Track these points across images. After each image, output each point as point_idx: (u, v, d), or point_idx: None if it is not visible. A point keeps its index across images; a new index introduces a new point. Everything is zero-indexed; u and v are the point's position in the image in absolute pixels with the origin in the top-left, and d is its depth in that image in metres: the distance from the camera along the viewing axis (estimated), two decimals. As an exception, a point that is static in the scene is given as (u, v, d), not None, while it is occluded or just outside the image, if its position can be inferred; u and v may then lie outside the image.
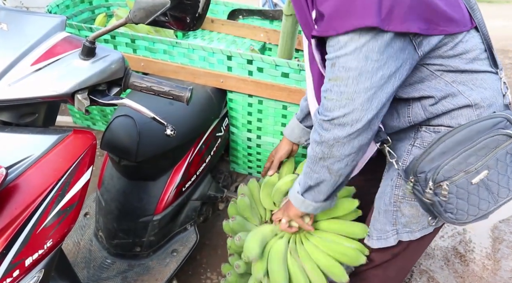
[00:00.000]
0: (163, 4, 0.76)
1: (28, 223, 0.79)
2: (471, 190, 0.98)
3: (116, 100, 0.88)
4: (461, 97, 0.98)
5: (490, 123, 0.96)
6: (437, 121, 1.03)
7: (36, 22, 0.88)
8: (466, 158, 0.96)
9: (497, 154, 0.95)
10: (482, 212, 1.02)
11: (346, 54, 0.85)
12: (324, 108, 0.92)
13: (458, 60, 0.96)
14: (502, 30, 4.88)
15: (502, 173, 0.98)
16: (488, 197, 1.00)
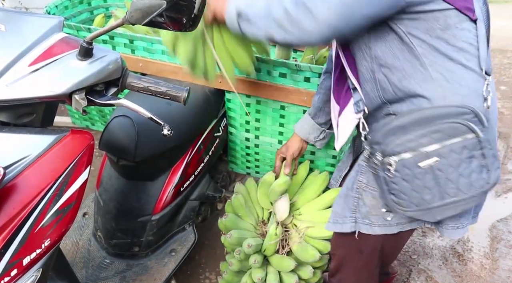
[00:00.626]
0: (159, 5, 0.76)
1: (26, 223, 0.80)
2: (417, 173, 0.94)
3: (113, 100, 0.89)
4: (431, 84, 0.94)
5: (456, 111, 0.91)
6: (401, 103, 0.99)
7: (34, 23, 0.89)
8: (419, 137, 0.92)
9: (452, 144, 0.90)
10: (425, 204, 0.96)
11: None
12: None
13: (444, 44, 0.92)
14: (501, 30, 4.88)
15: (454, 166, 0.91)
16: (434, 189, 0.94)
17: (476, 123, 0.90)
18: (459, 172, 0.91)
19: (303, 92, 1.46)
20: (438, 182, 0.93)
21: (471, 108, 0.91)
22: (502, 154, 2.67)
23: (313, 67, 1.41)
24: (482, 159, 0.91)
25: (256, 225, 1.51)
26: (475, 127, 0.89)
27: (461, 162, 0.91)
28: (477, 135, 0.89)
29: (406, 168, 0.94)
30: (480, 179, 0.92)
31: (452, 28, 0.91)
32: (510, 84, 3.57)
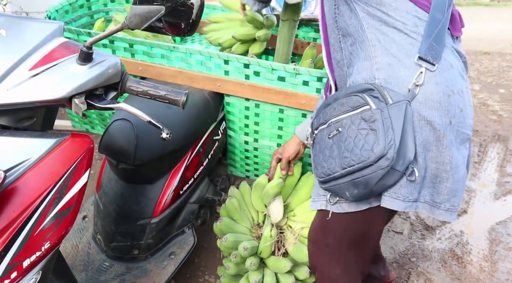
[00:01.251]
0: (158, 10, 0.78)
1: (26, 225, 0.80)
2: (326, 144, 1.05)
3: (112, 104, 0.90)
4: (367, 46, 1.04)
5: (364, 87, 1.00)
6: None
7: (35, 28, 0.90)
8: (331, 110, 1.05)
9: (352, 115, 0.99)
10: (330, 172, 1.03)
11: None
12: None
13: (381, 14, 1.02)
14: (500, 33, 4.90)
15: (351, 136, 0.99)
16: (336, 158, 1.02)
17: (378, 99, 0.97)
18: (354, 142, 0.98)
19: (302, 96, 1.47)
20: (339, 151, 1.01)
21: (377, 86, 0.99)
22: (501, 156, 2.67)
23: (312, 71, 1.42)
24: (376, 131, 0.95)
25: (252, 228, 1.52)
26: (369, 100, 0.97)
27: (357, 133, 0.98)
28: (371, 108, 0.96)
29: (321, 140, 1.07)
30: (369, 149, 0.95)
31: (386, 5, 1.01)
32: (509, 87, 3.58)
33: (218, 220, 1.47)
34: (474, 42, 4.41)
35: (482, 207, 2.27)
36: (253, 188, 1.53)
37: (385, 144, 0.94)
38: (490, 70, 3.89)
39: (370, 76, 1.03)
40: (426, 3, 1.02)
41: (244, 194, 1.56)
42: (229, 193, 1.56)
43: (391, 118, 0.95)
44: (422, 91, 0.99)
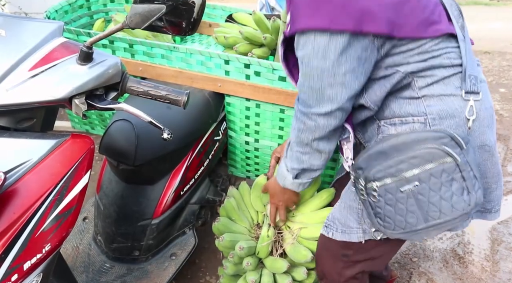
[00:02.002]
0: (159, 9, 0.77)
1: (27, 227, 0.80)
2: (399, 198, 0.97)
3: (113, 104, 0.89)
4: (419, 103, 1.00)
5: (432, 136, 0.94)
6: (391, 114, 1.04)
7: (34, 28, 0.89)
8: (398, 163, 0.95)
9: (431, 168, 0.93)
10: (410, 226, 0.99)
11: (307, 54, 0.93)
12: (301, 100, 1.02)
13: (424, 66, 0.97)
14: (500, 32, 4.90)
15: (434, 190, 0.94)
16: (417, 212, 0.97)
17: (453, 147, 0.92)
18: (440, 195, 0.93)
19: (303, 95, 1.47)
20: (421, 205, 0.95)
21: (448, 133, 0.93)
22: (502, 156, 2.67)
23: (313, 71, 1.41)
24: (463, 181, 0.92)
25: (251, 228, 1.51)
26: (451, 152, 0.91)
27: (441, 186, 0.93)
28: (455, 160, 0.91)
29: (389, 193, 0.97)
30: (461, 201, 0.93)
31: (427, 50, 0.96)
32: (509, 86, 3.58)
33: (216, 219, 1.47)
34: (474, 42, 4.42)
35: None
36: (252, 187, 1.52)
37: (475, 191, 0.93)
38: (490, 69, 3.88)
39: (418, 111, 1.00)
40: (450, 27, 0.99)
41: (243, 194, 1.55)
42: (228, 193, 1.55)
43: (469, 164, 0.93)
44: (475, 120, 0.98)
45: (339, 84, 0.94)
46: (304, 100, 1.01)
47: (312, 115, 1.00)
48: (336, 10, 0.86)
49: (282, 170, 1.19)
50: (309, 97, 0.99)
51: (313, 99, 0.98)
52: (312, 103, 0.99)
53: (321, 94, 0.96)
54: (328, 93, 0.96)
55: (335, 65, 0.91)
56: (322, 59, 0.91)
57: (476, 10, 6.09)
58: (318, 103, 0.98)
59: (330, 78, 0.93)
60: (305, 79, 0.97)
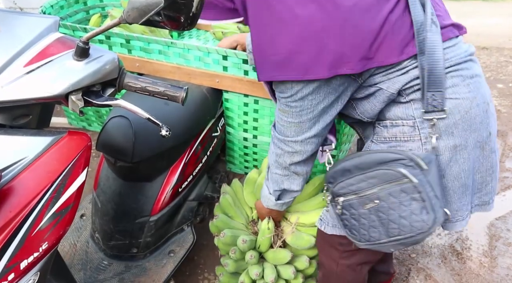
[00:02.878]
0: (157, 3, 0.75)
1: (23, 226, 0.78)
2: (362, 213, 1.02)
3: (110, 101, 0.88)
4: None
5: (390, 157, 0.96)
6: (383, 116, 1.06)
7: (29, 23, 0.88)
8: (359, 181, 1.00)
9: (390, 188, 0.95)
10: (373, 240, 1.02)
11: (285, 97, 0.97)
12: (279, 130, 1.07)
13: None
14: (498, 28, 4.90)
15: (393, 208, 0.96)
16: (380, 228, 1.00)
17: (412, 168, 0.93)
18: (399, 213, 0.96)
19: (302, 91, 1.46)
20: (382, 222, 0.99)
21: (406, 154, 0.94)
22: (499, 152, 2.67)
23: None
24: (422, 201, 0.94)
25: (247, 224, 1.51)
26: (407, 174, 0.93)
27: (400, 204, 0.96)
28: (411, 181, 0.93)
29: (352, 208, 1.03)
30: (420, 220, 0.95)
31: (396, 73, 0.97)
32: (507, 82, 3.58)
33: (213, 217, 1.46)
34: (472, 37, 4.40)
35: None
36: (244, 183, 1.52)
37: (434, 211, 0.94)
38: (488, 65, 3.88)
39: (406, 114, 1.00)
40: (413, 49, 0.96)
41: (236, 191, 1.55)
42: (221, 190, 1.55)
43: (431, 184, 0.94)
44: (464, 122, 0.98)
45: (317, 117, 0.99)
46: (281, 131, 1.06)
47: (290, 142, 1.05)
48: (310, 61, 0.89)
49: (265, 193, 1.25)
50: (286, 129, 1.04)
51: (290, 131, 1.03)
52: (290, 134, 1.04)
53: (299, 127, 1.01)
54: (307, 126, 1.01)
55: (313, 104, 0.96)
56: (300, 100, 0.96)
57: (474, 5, 6.08)
58: (296, 134, 1.03)
59: (309, 115, 0.98)
60: (283, 115, 1.01)
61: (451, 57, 0.96)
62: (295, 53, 0.89)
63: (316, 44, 0.88)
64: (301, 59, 0.89)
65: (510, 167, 2.54)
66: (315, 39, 0.88)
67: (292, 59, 0.90)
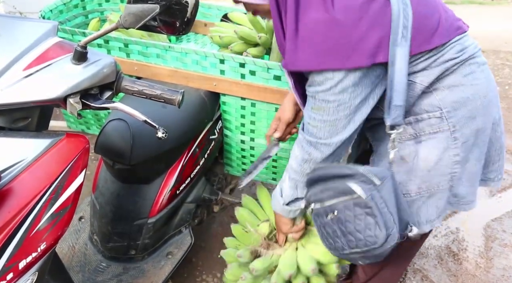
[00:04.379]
0: (153, 9, 0.77)
1: (22, 226, 0.80)
2: (326, 222, 1.04)
3: (108, 104, 0.89)
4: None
5: (344, 172, 0.99)
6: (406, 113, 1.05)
7: (29, 27, 0.90)
8: (319, 191, 1.03)
9: (345, 202, 0.98)
10: (339, 249, 1.04)
11: (323, 90, 0.92)
12: (309, 132, 1.02)
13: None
14: (494, 31, 4.93)
15: (349, 221, 0.98)
16: (342, 238, 1.01)
17: (364, 182, 0.95)
18: (354, 226, 0.98)
19: (298, 94, 1.47)
20: (343, 233, 1.01)
21: (358, 171, 0.97)
22: (496, 153, 2.69)
23: (307, 70, 1.42)
24: (374, 216, 0.94)
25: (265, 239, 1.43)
26: (356, 189, 0.95)
27: (354, 218, 0.97)
28: (359, 196, 0.95)
29: (319, 217, 1.05)
30: (372, 235, 0.95)
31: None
32: (503, 85, 3.60)
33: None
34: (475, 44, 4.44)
35: (478, 204, 2.28)
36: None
37: (387, 227, 0.95)
38: (484, 68, 3.90)
39: (432, 106, 1.02)
40: (450, 33, 0.99)
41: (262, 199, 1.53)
42: (242, 200, 1.54)
43: (384, 199, 0.95)
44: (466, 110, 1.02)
45: (352, 114, 0.96)
46: (313, 132, 1.01)
47: (321, 145, 1.01)
48: (350, 49, 0.87)
49: (276, 194, 1.21)
50: (320, 130, 0.99)
51: (324, 131, 0.99)
52: (323, 135, 1.00)
53: (334, 127, 0.97)
54: (342, 124, 0.97)
55: (351, 97, 0.93)
56: (340, 93, 0.92)
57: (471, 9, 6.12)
58: (330, 135, 0.99)
59: (346, 111, 0.95)
60: (317, 113, 0.97)
61: (469, 46, 1.02)
62: (339, 39, 0.86)
63: (361, 30, 0.87)
64: (343, 47, 0.87)
65: (506, 168, 2.56)
66: (363, 25, 0.86)
67: (338, 46, 0.87)
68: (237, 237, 1.46)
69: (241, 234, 1.44)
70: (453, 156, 1.04)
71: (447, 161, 1.04)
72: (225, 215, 2.15)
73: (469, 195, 1.11)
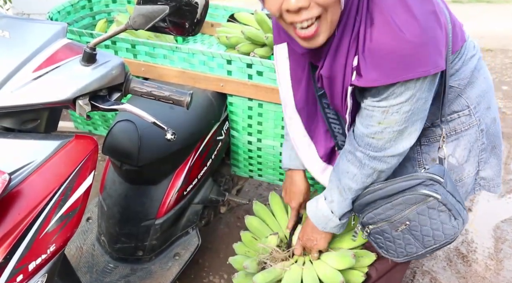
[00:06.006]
0: (162, 10, 0.77)
1: (31, 228, 0.80)
2: (395, 235, 1.06)
3: (116, 105, 0.89)
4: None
5: (412, 183, 1.01)
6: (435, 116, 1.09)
7: (38, 29, 0.90)
8: (386, 210, 1.04)
9: (417, 209, 1.00)
10: (411, 253, 1.08)
11: (401, 102, 0.89)
12: (373, 147, 1.00)
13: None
14: (502, 30, 4.88)
15: (424, 224, 1.01)
16: (415, 243, 1.06)
17: (432, 185, 0.99)
18: (430, 227, 1.02)
19: (305, 95, 1.46)
20: (416, 238, 1.05)
21: (424, 176, 1.00)
22: (505, 154, 2.66)
23: (315, 70, 1.41)
24: (448, 211, 1.00)
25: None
26: (430, 193, 0.98)
27: (429, 219, 1.01)
28: (435, 198, 0.98)
29: (385, 233, 1.08)
30: (451, 227, 1.01)
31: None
32: (511, 84, 3.57)
33: None
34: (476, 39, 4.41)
35: (487, 205, 2.26)
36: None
37: (461, 215, 1.01)
38: (493, 67, 3.87)
39: (461, 105, 1.08)
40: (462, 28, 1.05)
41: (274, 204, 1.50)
42: (254, 207, 1.52)
43: (451, 192, 1.00)
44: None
45: (420, 119, 0.96)
46: (377, 146, 0.99)
47: (387, 157, 1.01)
48: (433, 53, 0.85)
49: (324, 214, 1.17)
50: (386, 141, 0.98)
51: (391, 141, 0.98)
52: (388, 145, 0.98)
53: (401, 135, 0.96)
54: (409, 131, 0.96)
55: (423, 103, 0.93)
56: (416, 102, 0.90)
57: (478, 7, 6.06)
58: (395, 144, 0.98)
59: (415, 116, 0.94)
60: (387, 126, 0.95)
61: (476, 46, 1.09)
62: (421, 45, 0.83)
63: (434, 32, 0.85)
64: (426, 52, 0.84)
65: (515, 169, 2.53)
66: (433, 28, 0.85)
67: (420, 53, 0.84)
68: (246, 244, 1.45)
69: (250, 242, 1.44)
70: (480, 145, 1.10)
71: (476, 151, 1.11)
72: (232, 216, 2.14)
73: (496, 177, 1.17)
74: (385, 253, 1.12)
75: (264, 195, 2.28)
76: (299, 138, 1.23)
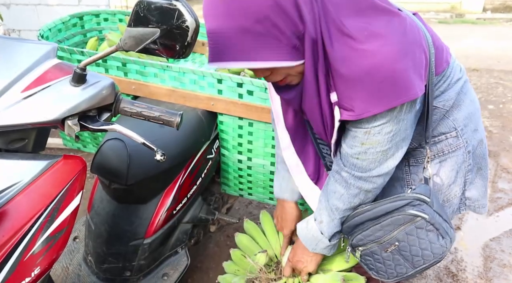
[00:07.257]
0: (153, 33, 0.78)
1: (16, 250, 0.78)
2: (385, 256, 1.07)
3: (106, 126, 0.89)
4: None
5: (396, 205, 1.02)
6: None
7: (28, 49, 0.90)
8: (375, 231, 1.05)
9: (405, 229, 1.01)
10: (401, 274, 1.08)
11: (383, 123, 0.91)
12: (357, 167, 1.01)
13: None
14: (487, 50, 5.01)
15: (413, 244, 1.03)
16: (405, 264, 1.06)
17: (419, 205, 1.01)
18: (419, 247, 1.03)
19: (295, 114, 1.47)
20: (406, 258, 1.06)
21: (410, 197, 1.01)
22: (492, 172, 2.69)
23: (305, 90, 1.43)
24: (436, 230, 1.01)
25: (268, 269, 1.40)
26: (417, 213, 0.99)
27: (418, 239, 1.02)
28: (423, 218, 0.99)
29: (375, 254, 1.08)
30: (439, 246, 1.02)
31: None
32: (497, 103, 3.64)
33: None
34: (462, 59, 4.50)
35: (475, 223, 2.28)
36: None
37: (448, 233, 1.02)
38: (478, 86, 3.95)
39: (448, 127, 1.08)
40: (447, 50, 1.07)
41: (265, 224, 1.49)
42: (244, 225, 1.52)
43: (437, 211, 1.02)
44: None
45: (403, 140, 0.97)
46: (361, 166, 1.00)
47: (372, 178, 1.02)
48: (412, 75, 0.86)
49: (314, 235, 1.17)
50: (370, 162, 0.99)
51: (375, 162, 0.99)
52: (373, 166, 0.99)
53: (385, 155, 0.97)
54: (392, 152, 0.97)
55: (406, 124, 0.94)
56: (397, 123, 0.92)
57: (463, 28, 6.22)
58: (380, 164, 0.99)
59: (398, 137, 0.95)
60: (370, 148, 0.96)
61: (463, 69, 1.11)
62: (401, 71, 0.83)
63: (412, 55, 0.86)
64: (407, 76, 0.84)
65: (503, 187, 2.56)
66: (412, 51, 0.86)
67: (401, 79, 0.84)
68: (236, 262, 1.44)
69: (240, 259, 1.42)
70: (466, 166, 1.12)
71: (463, 172, 1.12)
72: (222, 235, 2.12)
73: (481, 198, 1.18)
74: (376, 275, 1.12)
75: (254, 214, 2.27)
76: (289, 155, 1.24)
